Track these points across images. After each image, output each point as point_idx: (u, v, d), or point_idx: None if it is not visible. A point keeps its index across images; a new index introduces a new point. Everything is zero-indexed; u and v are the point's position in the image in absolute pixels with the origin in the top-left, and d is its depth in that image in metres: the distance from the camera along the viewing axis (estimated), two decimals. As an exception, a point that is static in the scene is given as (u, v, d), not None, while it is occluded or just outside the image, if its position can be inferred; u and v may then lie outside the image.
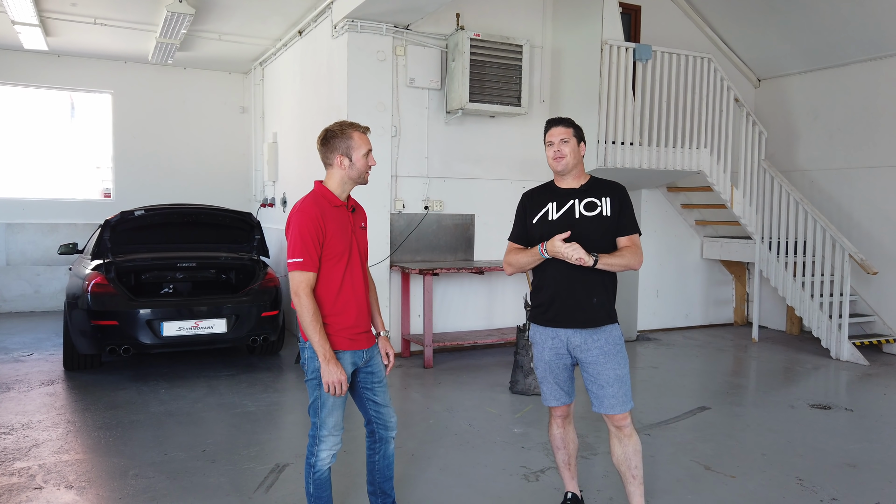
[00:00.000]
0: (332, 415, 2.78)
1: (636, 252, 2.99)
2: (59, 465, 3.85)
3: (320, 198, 2.77)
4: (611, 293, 3.05)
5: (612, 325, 3.02)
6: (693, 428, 4.74)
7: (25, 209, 9.29)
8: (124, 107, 9.64)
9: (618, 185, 3.09)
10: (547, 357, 3.06)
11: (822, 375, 6.45)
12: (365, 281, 2.91)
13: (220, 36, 8.07)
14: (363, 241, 2.95)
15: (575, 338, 2.99)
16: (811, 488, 3.72)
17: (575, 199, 3.02)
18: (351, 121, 2.88)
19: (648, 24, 8.17)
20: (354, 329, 2.82)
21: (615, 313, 3.06)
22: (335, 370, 2.68)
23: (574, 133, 3.04)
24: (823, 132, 8.16)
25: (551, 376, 3.09)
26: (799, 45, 8.04)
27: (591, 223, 2.97)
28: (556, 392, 3.11)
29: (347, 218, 2.83)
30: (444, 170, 7.01)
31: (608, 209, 2.99)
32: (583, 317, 2.97)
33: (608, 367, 2.95)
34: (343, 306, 2.79)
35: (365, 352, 2.88)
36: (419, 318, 6.79)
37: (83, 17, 7.38)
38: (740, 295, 8.87)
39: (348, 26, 6.31)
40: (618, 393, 2.96)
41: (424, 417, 4.92)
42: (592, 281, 2.97)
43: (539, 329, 3.11)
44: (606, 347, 2.96)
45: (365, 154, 2.79)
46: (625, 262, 2.95)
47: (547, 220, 3.02)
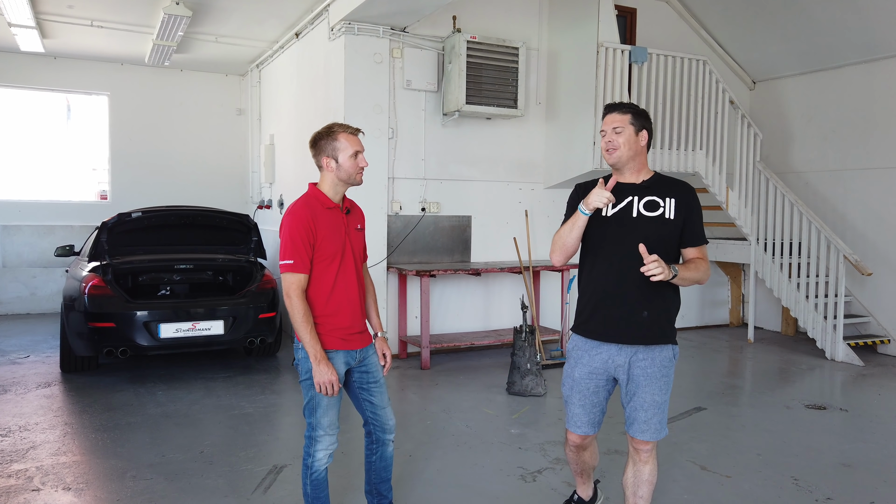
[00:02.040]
0: (327, 415, 2.79)
1: (707, 265, 2.65)
2: (56, 467, 3.86)
3: (312, 200, 2.78)
4: (671, 307, 2.69)
5: (666, 346, 2.66)
6: (689, 428, 4.76)
7: (21, 211, 9.28)
8: (121, 109, 9.64)
9: (686, 186, 2.71)
10: (578, 373, 2.73)
11: (818, 376, 6.49)
12: (360, 282, 2.89)
13: (216, 38, 8.08)
14: (358, 242, 2.93)
15: (619, 356, 2.66)
16: (806, 488, 3.74)
17: (634, 196, 2.67)
18: (342, 122, 2.87)
19: (644, 26, 8.21)
20: (348, 329, 2.82)
21: (673, 331, 2.70)
22: (326, 370, 2.69)
23: (632, 120, 2.67)
24: (818, 134, 8.20)
25: (577, 397, 2.74)
26: (793, 47, 8.09)
27: (650, 225, 2.62)
28: (579, 417, 2.76)
29: (341, 220, 2.81)
30: (441, 172, 7.03)
31: (672, 211, 2.63)
32: (630, 332, 2.62)
33: (647, 392, 2.64)
34: (336, 307, 2.79)
35: (359, 352, 2.87)
36: (416, 320, 6.80)
37: (80, 19, 7.39)
38: (736, 296, 8.91)
39: (345, 28, 6.33)
40: (651, 419, 2.66)
41: (422, 419, 4.93)
42: (649, 289, 2.58)
43: (578, 340, 2.77)
44: (651, 370, 2.63)
45: (352, 155, 2.76)
46: (697, 276, 2.60)
47: (601, 215, 2.68)
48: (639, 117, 2.69)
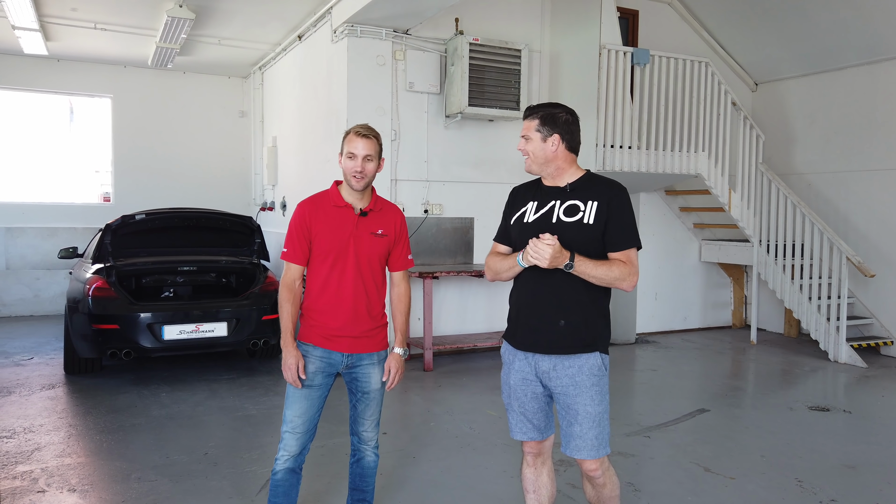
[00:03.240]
0: (291, 408, 2.78)
1: (629, 269, 2.44)
2: (61, 469, 3.87)
3: (323, 196, 2.81)
4: (591, 314, 2.51)
5: (591, 354, 2.50)
6: (692, 430, 4.76)
7: (25, 213, 9.30)
8: (124, 111, 9.66)
9: (614, 187, 2.54)
10: (512, 380, 2.62)
11: (821, 378, 6.48)
12: (364, 286, 2.77)
13: (219, 40, 8.10)
14: (372, 247, 2.77)
15: (543, 363, 2.53)
16: (810, 490, 3.74)
17: (556, 201, 2.54)
18: (361, 123, 2.84)
19: (646, 28, 8.22)
20: (335, 331, 2.77)
21: (599, 339, 2.53)
22: (287, 356, 2.72)
23: (538, 126, 2.52)
24: (820, 136, 8.20)
25: (516, 404, 2.63)
26: (796, 49, 8.10)
27: (568, 231, 2.46)
28: (522, 423, 2.63)
29: (349, 220, 2.75)
30: (444, 173, 7.04)
31: (592, 216, 2.46)
32: (546, 341, 2.51)
33: (578, 401, 2.48)
34: (323, 306, 2.77)
35: (346, 356, 2.80)
36: (419, 322, 6.81)
37: (83, 22, 7.41)
38: (738, 298, 8.91)
39: (348, 31, 6.34)
40: (587, 433, 2.48)
41: (425, 420, 4.94)
42: (564, 296, 2.47)
43: (507, 347, 2.69)
44: (578, 378, 2.48)
45: (348, 155, 2.70)
46: (610, 274, 2.40)
47: (523, 221, 2.58)
48: (547, 122, 2.51)
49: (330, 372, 2.82)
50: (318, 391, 2.80)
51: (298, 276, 2.79)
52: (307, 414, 2.78)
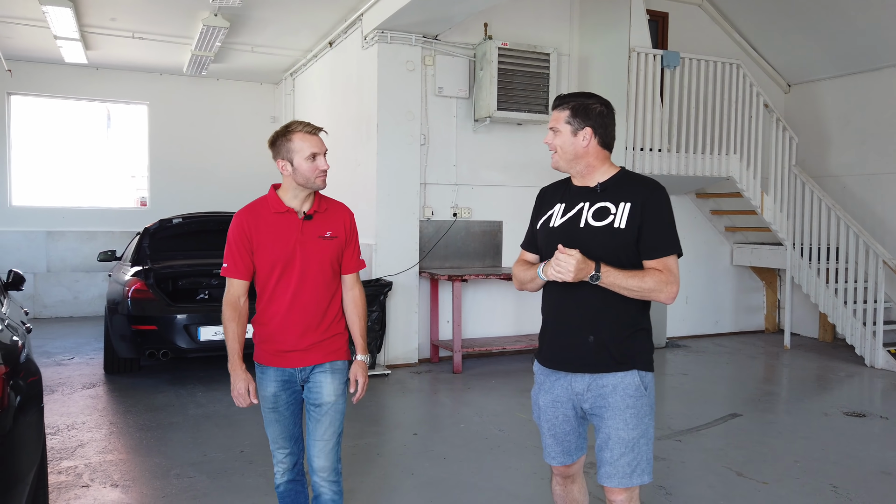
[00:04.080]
0: (270, 428, 2.66)
1: (666, 279, 2.18)
2: (103, 465, 3.99)
3: (261, 203, 2.62)
4: (623, 328, 2.26)
5: (628, 373, 2.25)
6: (724, 434, 4.73)
7: (65, 217, 9.58)
8: (160, 117, 9.90)
9: (650, 185, 2.28)
10: (542, 401, 2.40)
11: (857, 383, 6.37)
12: (314, 295, 2.57)
13: (252, 48, 8.27)
14: (322, 251, 2.58)
15: (577, 383, 2.30)
16: (846, 496, 3.70)
17: (585, 202, 2.30)
18: (302, 119, 2.63)
19: (676, 30, 8.17)
20: (282, 346, 2.58)
21: (636, 356, 2.27)
22: (235, 380, 2.57)
23: (568, 118, 2.28)
24: (855, 137, 8.07)
25: (546, 426, 2.41)
26: (829, 50, 7.98)
27: (597, 237, 2.22)
28: (553, 447, 2.42)
29: (293, 226, 2.55)
30: (472, 177, 7.09)
31: (623, 219, 2.21)
32: (576, 358, 2.28)
33: (611, 426, 2.24)
34: (269, 319, 2.59)
35: (299, 371, 2.61)
36: (448, 324, 6.85)
37: (122, 32, 7.63)
38: (771, 302, 8.79)
39: (378, 37, 6.43)
40: (618, 460, 2.22)
41: (455, 421, 4.98)
42: (592, 309, 2.25)
43: (538, 366, 2.47)
44: (611, 399, 2.24)
45: (309, 157, 2.50)
46: (643, 285, 2.15)
47: (549, 225, 2.35)
48: (579, 114, 2.27)
49: (293, 389, 2.63)
50: (287, 410, 2.64)
51: (243, 292, 2.59)
52: (286, 433, 2.66)
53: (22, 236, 9.29)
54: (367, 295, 6.10)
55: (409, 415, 5.28)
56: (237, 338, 2.58)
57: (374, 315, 6.23)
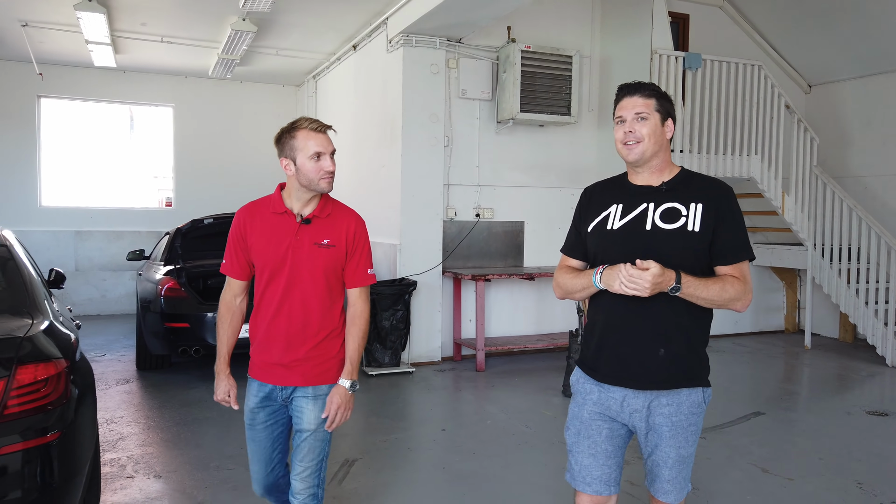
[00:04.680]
0: (249, 446, 2.52)
1: (744, 287, 2.03)
2: (145, 457, 4.13)
3: (264, 202, 2.47)
4: (694, 340, 2.11)
5: (694, 390, 2.11)
6: (748, 432, 4.79)
7: (93, 217, 9.79)
8: (185, 119, 10.08)
9: (720, 187, 2.13)
10: (587, 414, 2.19)
11: (878, 383, 6.40)
12: (302, 307, 2.39)
13: (277, 51, 8.41)
14: (312, 259, 2.38)
15: (635, 400, 2.12)
16: (871, 492, 3.76)
17: (649, 203, 2.11)
18: (309, 116, 2.52)
19: (697, 31, 8.22)
20: (264, 358, 2.43)
21: (702, 371, 2.14)
22: (217, 382, 2.49)
23: (657, 106, 2.11)
24: (877, 138, 8.07)
25: (586, 443, 2.17)
26: (850, 51, 7.99)
27: (668, 240, 2.04)
28: (589, 470, 2.17)
29: (288, 229, 2.38)
30: (495, 178, 7.18)
31: (697, 221, 2.04)
32: (641, 374, 2.09)
33: (671, 445, 2.11)
34: (256, 328, 2.46)
35: (280, 389, 2.43)
36: (470, 323, 6.95)
37: (151, 36, 7.80)
38: (791, 302, 8.81)
39: (403, 41, 6.54)
40: (676, 478, 2.14)
41: (481, 418, 5.08)
42: (663, 320, 2.06)
43: (583, 377, 2.23)
44: (676, 418, 2.09)
45: (313, 156, 2.32)
46: (723, 295, 2.00)
47: (605, 228, 2.15)
48: (665, 102, 2.13)
49: (275, 407, 2.46)
50: (263, 431, 2.46)
51: (240, 292, 2.48)
52: (259, 456, 2.49)
53: (51, 236, 9.50)
54: (392, 294, 6.28)
55: (436, 411, 5.38)
56: (226, 340, 2.48)
57: (400, 314, 6.34)
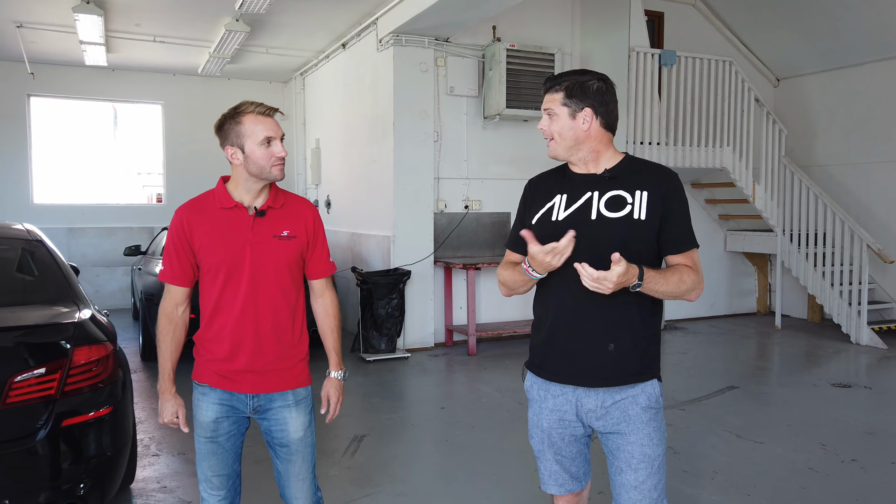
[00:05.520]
0: (201, 463, 2.27)
1: (698, 277, 1.98)
2: (165, 438, 4.40)
3: (207, 197, 2.25)
4: (643, 333, 2.03)
5: (648, 383, 2.04)
6: (723, 404, 5.19)
7: (85, 214, 9.91)
8: (174, 116, 10.23)
9: (665, 173, 2.04)
10: (545, 423, 2.10)
11: (843, 358, 6.87)
12: (269, 306, 2.20)
13: (267, 49, 8.62)
14: (274, 253, 2.20)
15: (588, 399, 2.03)
16: (833, 452, 4.17)
17: (594, 192, 2.01)
18: (253, 100, 2.25)
19: (671, 28, 8.61)
20: (228, 365, 2.20)
21: (654, 364, 2.06)
22: (163, 403, 2.25)
23: (564, 100, 1.99)
24: (841, 129, 8.55)
25: (551, 452, 2.12)
26: (816, 46, 8.44)
27: (614, 229, 1.95)
28: (558, 474, 2.13)
29: (242, 224, 2.19)
30: (482, 171, 7.51)
31: (643, 209, 1.96)
32: (591, 370, 2.00)
33: (632, 442, 2.00)
34: (216, 333, 2.21)
35: (252, 398, 2.22)
36: (461, 310, 7.29)
37: (144, 36, 7.97)
38: (762, 285, 9.28)
39: (393, 41, 6.82)
40: (644, 483, 1.98)
41: (477, 397, 5.42)
42: (614, 314, 1.98)
43: (536, 381, 2.14)
44: (632, 412, 2.00)
45: (263, 142, 2.14)
46: (681, 286, 1.94)
47: (550, 220, 2.04)
48: (575, 93, 1.99)
49: (237, 417, 2.25)
50: (227, 442, 2.24)
51: (182, 300, 2.23)
52: (221, 470, 2.25)
53: (44, 233, 9.57)
54: (387, 284, 6.58)
55: (433, 392, 5.71)
56: (169, 354, 2.25)
57: (395, 302, 6.65)
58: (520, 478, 3.76)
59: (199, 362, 2.27)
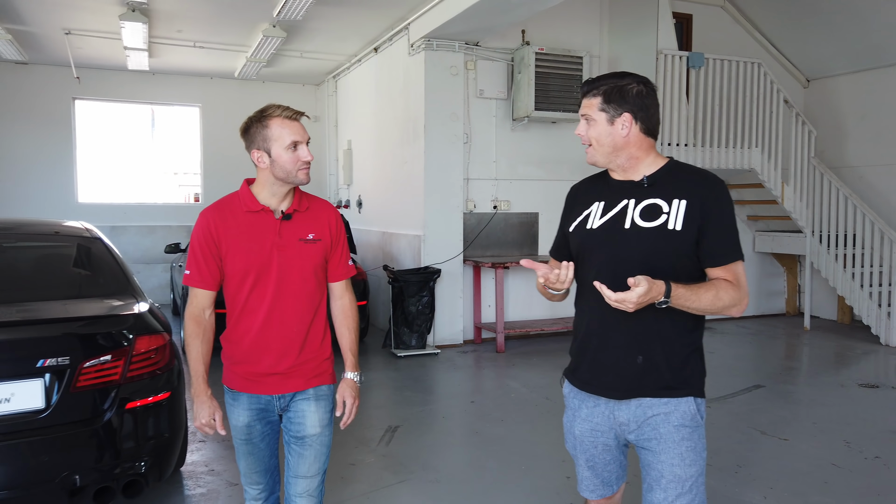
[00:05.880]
0: (242, 461, 2.33)
1: (740, 293, 1.88)
2: (210, 426, 4.64)
3: (232, 200, 2.27)
4: (677, 347, 1.95)
5: (682, 400, 1.94)
6: (748, 402, 5.27)
7: (126, 213, 10.29)
8: (211, 118, 10.56)
9: (709, 179, 1.94)
10: (577, 430, 2.09)
11: (872, 359, 6.87)
12: (295, 308, 2.23)
13: (301, 54, 8.87)
14: (301, 257, 2.23)
15: (621, 412, 1.99)
16: (857, 449, 4.24)
17: (630, 199, 1.97)
18: (280, 103, 2.26)
19: (700, 30, 8.66)
20: (255, 368, 2.23)
21: (691, 379, 1.96)
22: (199, 408, 2.20)
23: (602, 105, 1.95)
24: (872, 130, 8.51)
25: (583, 457, 2.10)
26: (846, 47, 8.42)
27: (646, 240, 1.90)
28: (590, 480, 2.11)
29: (268, 227, 2.21)
30: (511, 172, 7.66)
31: (679, 219, 1.88)
32: (621, 383, 1.96)
33: (664, 461, 1.93)
34: (241, 336, 2.23)
35: (278, 398, 2.26)
36: (490, 308, 7.45)
37: (185, 41, 8.27)
38: (792, 286, 9.27)
39: (425, 45, 7.00)
40: (672, 503, 1.91)
41: (505, 392, 5.58)
42: (640, 325, 1.92)
43: (572, 391, 2.13)
44: (663, 429, 1.93)
45: (290, 146, 2.17)
46: (717, 303, 1.85)
47: (585, 228, 2.03)
48: (614, 98, 1.94)
49: (269, 418, 2.28)
50: (262, 442, 2.29)
51: (208, 304, 2.24)
52: (261, 467, 2.32)
53: (88, 231, 10.00)
54: (418, 282, 6.77)
55: (463, 386, 5.88)
56: (201, 357, 2.21)
57: (425, 300, 6.83)
58: (548, 467, 3.92)
59: (227, 366, 2.29)
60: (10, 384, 2.69)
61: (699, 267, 1.93)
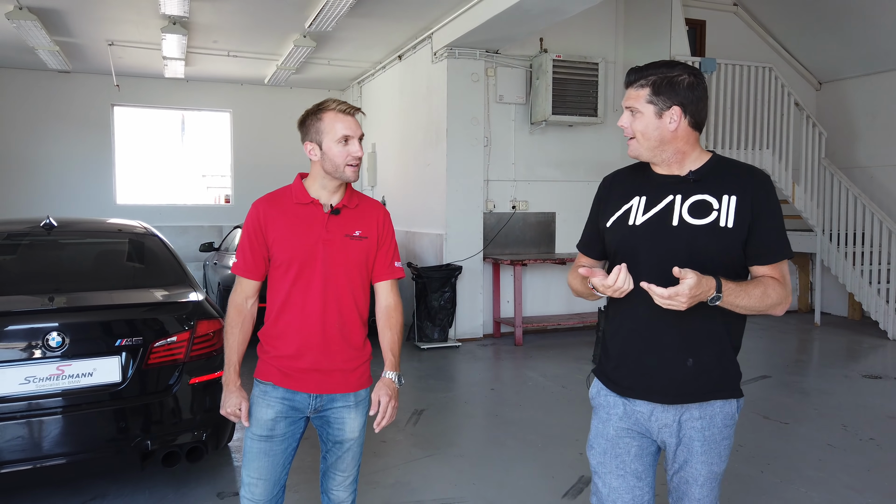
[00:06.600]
0: (248, 466, 2.22)
1: (786, 291, 1.84)
2: (251, 408, 5.05)
3: (284, 192, 2.28)
4: (726, 348, 1.92)
5: (726, 401, 1.93)
6: (754, 390, 5.57)
7: (161, 213, 10.80)
8: (241, 123, 11.05)
9: (758, 175, 1.88)
10: (612, 430, 1.99)
11: (879, 353, 7.12)
12: (337, 305, 2.20)
13: (329, 61, 9.30)
14: (345, 253, 2.22)
15: (664, 414, 1.93)
16: (853, 432, 4.53)
17: (676, 195, 1.88)
18: (336, 98, 2.29)
19: (713, 35, 8.94)
20: (293, 363, 2.19)
21: (735, 380, 1.96)
22: (228, 398, 2.20)
23: (650, 97, 1.84)
24: (882, 131, 8.73)
25: (614, 463, 1.98)
26: (857, 51, 8.65)
27: (698, 237, 1.83)
28: (618, 493, 1.97)
29: (316, 220, 2.21)
30: (529, 174, 8.01)
31: (731, 216, 1.82)
32: (668, 386, 1.90)
33: (703, 461, 1.92)
34: (282, 329, 2.21)
35: (314, 397, 2.21)
36: (508, 304, 7.80)
37: (220, 51, 8.73)
38: (803, 284, 9.50)
39: (447, 53, 7.38)
40: (706, 497, 1.95)
41: (523, 381, 5.93)
42: (692, 327, 1.87)
43: (604, 390, 2.04)
44: (709, 432, 1.91)
45: (341, 140, 2.16)
46: (765, 301, 1.79)
47: (626, 224, 1.93)
48: (663, 90, 1.83)
49: (296, 418, 2.23)
50: (280, 444, 2.21)
51: (252, 293, 2.26)
52: (269, 475, 2.20)
53: (126, 231, 10.52)
54: (440, 278, 7.15)
55: (483, 375, 6.24)
56: (236, 347, 2.23)
57: (447, 295, 7.20)
58: (563, 444, 4.27)
59: (264, 359, 2.25)
60: (93, 360, 3.11)
61: (743, 264, 1.87)
